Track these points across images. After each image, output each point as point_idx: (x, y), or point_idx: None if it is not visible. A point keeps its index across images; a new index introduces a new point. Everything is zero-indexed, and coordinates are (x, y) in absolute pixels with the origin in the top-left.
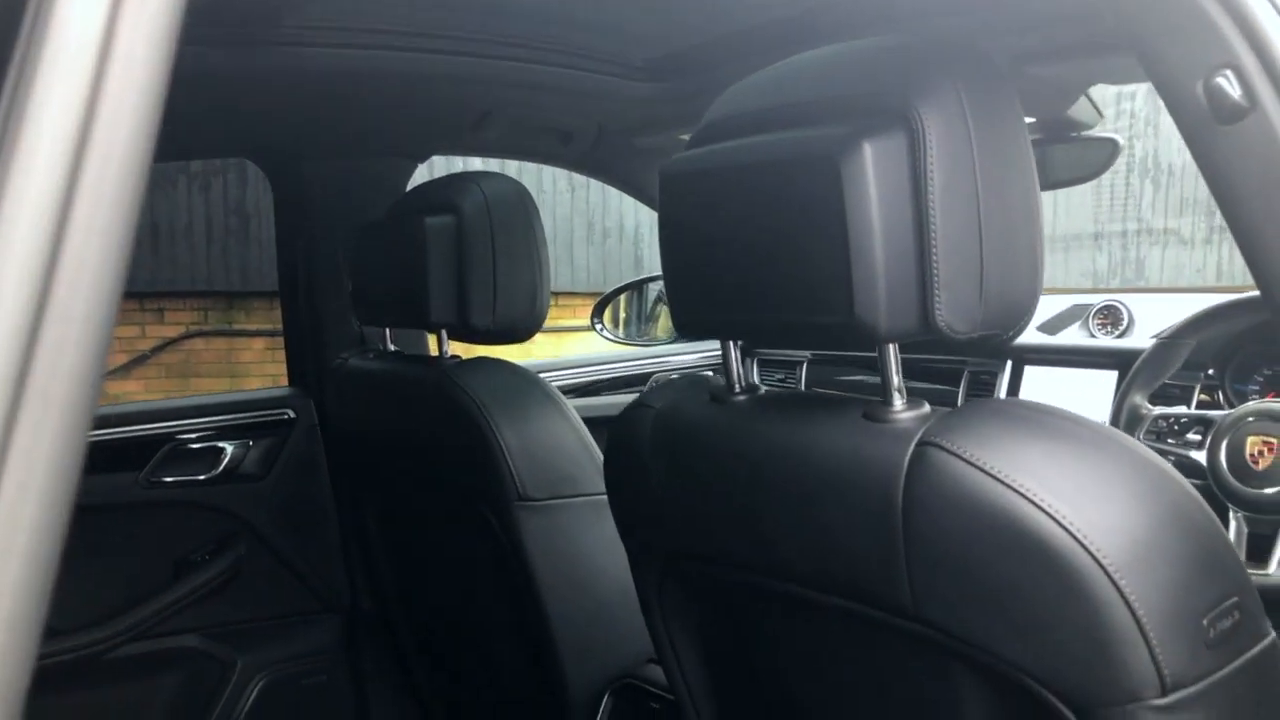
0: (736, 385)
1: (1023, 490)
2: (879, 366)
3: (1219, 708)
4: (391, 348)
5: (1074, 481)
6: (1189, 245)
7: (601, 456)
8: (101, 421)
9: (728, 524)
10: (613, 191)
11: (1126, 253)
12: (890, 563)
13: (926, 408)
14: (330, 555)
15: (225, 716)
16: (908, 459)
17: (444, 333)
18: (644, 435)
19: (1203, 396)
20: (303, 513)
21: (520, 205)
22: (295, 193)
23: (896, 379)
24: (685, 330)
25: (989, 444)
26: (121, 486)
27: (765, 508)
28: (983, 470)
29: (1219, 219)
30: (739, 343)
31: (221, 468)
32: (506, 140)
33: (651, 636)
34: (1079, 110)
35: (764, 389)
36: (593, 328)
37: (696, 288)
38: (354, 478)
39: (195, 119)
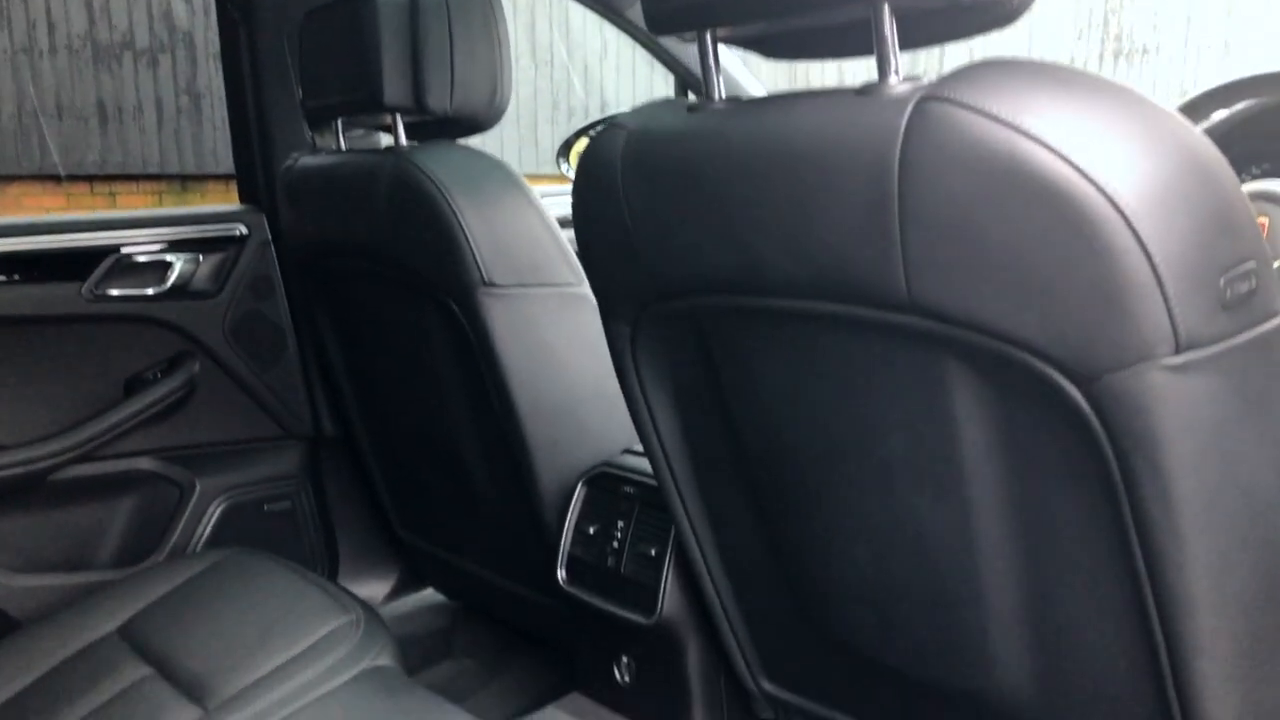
0: (717, 93)
1: (1034, 134)
2: (873, 37)
3: (1229, 376)
4: (344, 147)
5: (1089, 125)
6: None
7: (571, 251)
8: (41, 230)
9: (708, 243)
10: (578, 69)
11: None
12: (884, 246)
13: (926, 80)
14: (290, 378)
15: (185, 540)
16: (905, 118)
17: (399, 120)
18: (616, 156)
19: None
20: (259, 334)
21: None
22: None
23: (893, 52)
24: (656, 23)
25: (996, 91)
26: (64, 297)
27: (749, 214)
28: (989, 116)
29: None
30: (717, 42)
31: (170, 283)
32: None
33: (628, 404)
34: None
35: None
36: (558, 167)
37: None
38: (311, 295)
39: None
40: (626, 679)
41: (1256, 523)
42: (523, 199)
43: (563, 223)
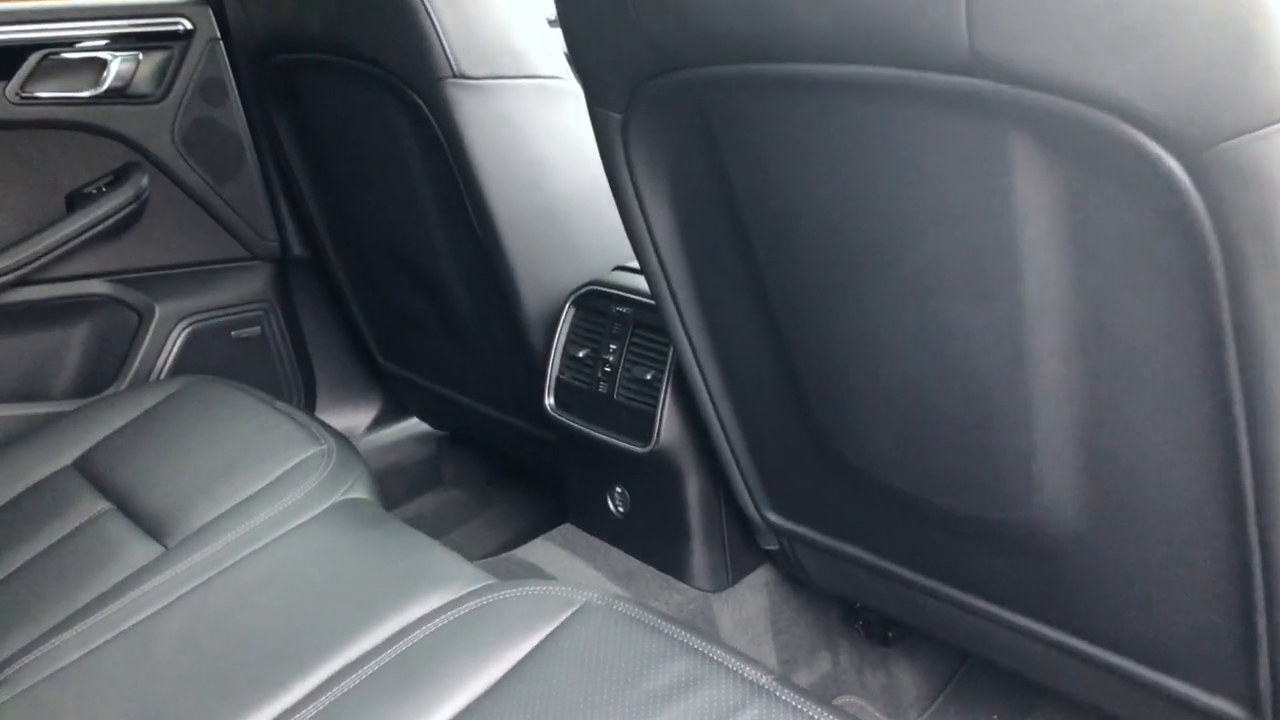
0: None
1: None
2: None
3: None
4: None
5: None
6: None
7: (553, 40)
8: None
9: None
10: None
11: None
12: None
13: None
14: (252, 194)
15: (147, 370)
16: None
17: None
18: None
19: None
20: (213, 144)
21: None
22: None
23: None
24: None
25: None
26: None
27: None
28: None
29: None
30: None
31: (106, 84)
32: None
33: (620, 209)
34: None
35: None
36: None
37: None
38: (268, 99)
39: None
40: (620, 510)
41: None
42: None
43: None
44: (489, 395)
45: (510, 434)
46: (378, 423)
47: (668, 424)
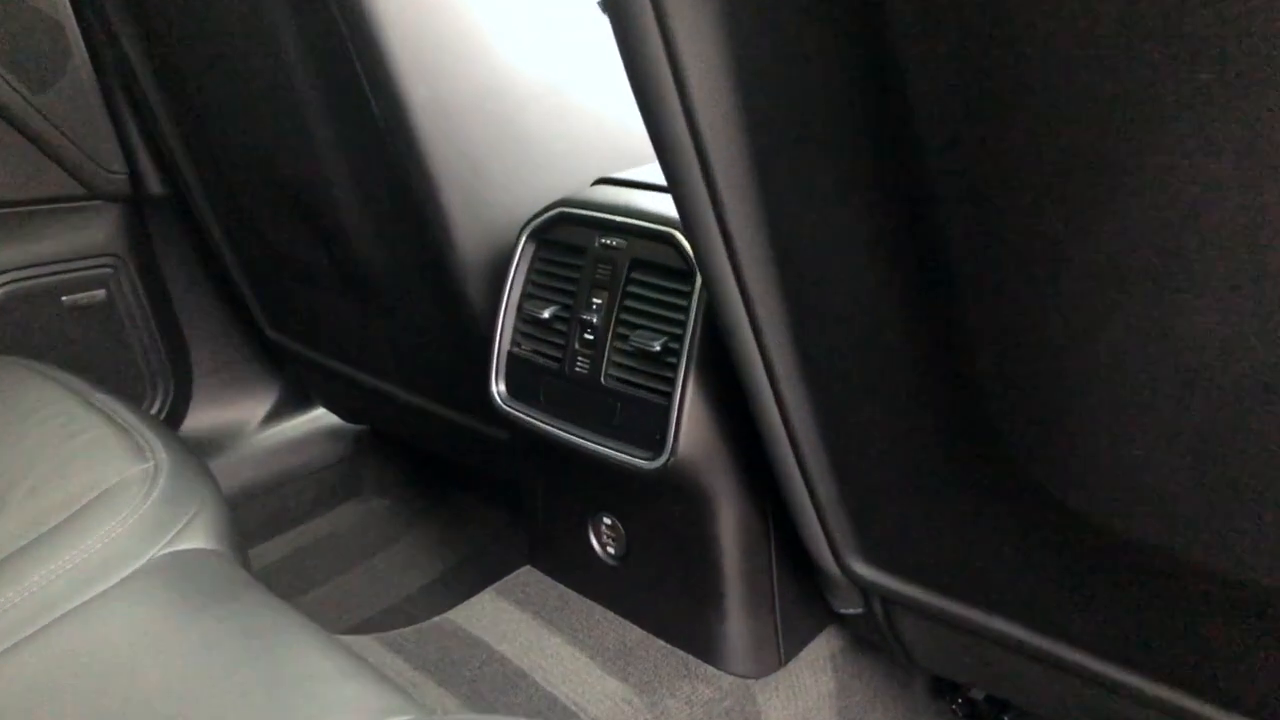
0: None
1: None
2: None
3: None
4: None
5: None
6: None
7: None
8: None
9: None
10: None
11: None
12: None
13: None
14: (86, 108)
15: None
16: None
17: None
18: None
19: None
20: (33, 53)
21: None
22: None
23: None
24: None
25: None
26: None
27: None
28: None
29: None
30: None
31: None
32: None
33: (624, 47)
34: None
35: None
36: None
37: None
38: None
39: None
40: (611, 552)
41: None
42: None
43: None
44: (411, 378)
45: (447, 431)
46: (276, 414)
47: (692, 424)
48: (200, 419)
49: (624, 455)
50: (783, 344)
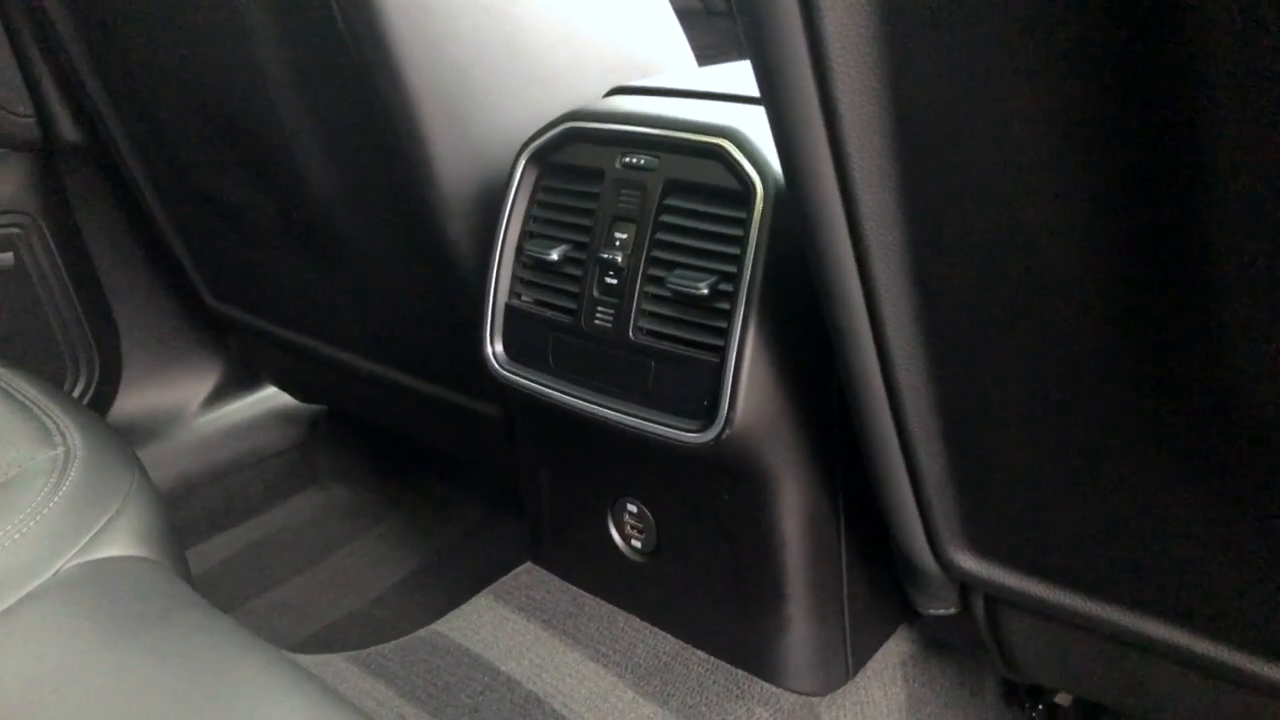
0: None
1: None
2: None
3: None
4: None
5: None
6: None
7: None
8: None
9: None
10: None
11: None
12: None
13: None
14: None
15: None
16: None
17: None
18: None
19: None
20: None
21: None
22: None
23: None
24: None
25: None
26: None
27: None
28: None
29: None
30: None
31: None
32: None
33: None
34: None
35: None
36: None
37: None
38: None
39: None
40: (638, 546)
41: None
42: None
43: None
44: (379, 347)
45: (422, 409)
46: (219, 395)
47: (754, 385)
48: (130, 401)
49: (663, 428)
50: (897, 286)
